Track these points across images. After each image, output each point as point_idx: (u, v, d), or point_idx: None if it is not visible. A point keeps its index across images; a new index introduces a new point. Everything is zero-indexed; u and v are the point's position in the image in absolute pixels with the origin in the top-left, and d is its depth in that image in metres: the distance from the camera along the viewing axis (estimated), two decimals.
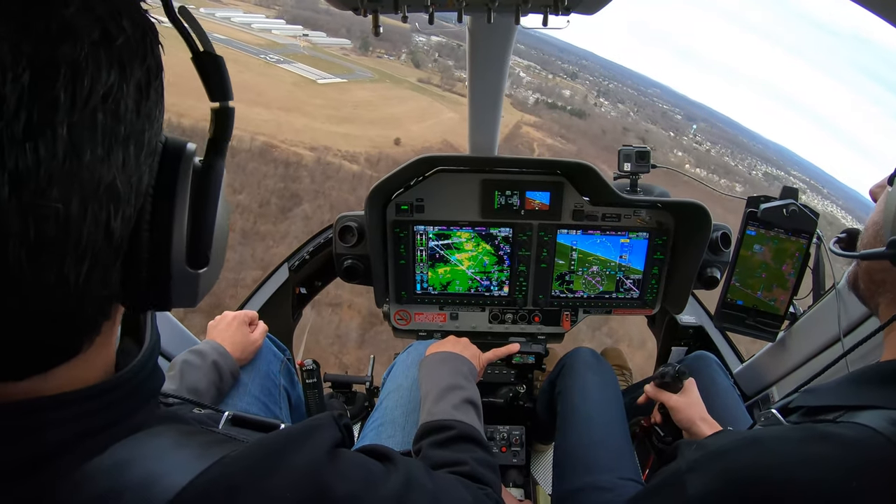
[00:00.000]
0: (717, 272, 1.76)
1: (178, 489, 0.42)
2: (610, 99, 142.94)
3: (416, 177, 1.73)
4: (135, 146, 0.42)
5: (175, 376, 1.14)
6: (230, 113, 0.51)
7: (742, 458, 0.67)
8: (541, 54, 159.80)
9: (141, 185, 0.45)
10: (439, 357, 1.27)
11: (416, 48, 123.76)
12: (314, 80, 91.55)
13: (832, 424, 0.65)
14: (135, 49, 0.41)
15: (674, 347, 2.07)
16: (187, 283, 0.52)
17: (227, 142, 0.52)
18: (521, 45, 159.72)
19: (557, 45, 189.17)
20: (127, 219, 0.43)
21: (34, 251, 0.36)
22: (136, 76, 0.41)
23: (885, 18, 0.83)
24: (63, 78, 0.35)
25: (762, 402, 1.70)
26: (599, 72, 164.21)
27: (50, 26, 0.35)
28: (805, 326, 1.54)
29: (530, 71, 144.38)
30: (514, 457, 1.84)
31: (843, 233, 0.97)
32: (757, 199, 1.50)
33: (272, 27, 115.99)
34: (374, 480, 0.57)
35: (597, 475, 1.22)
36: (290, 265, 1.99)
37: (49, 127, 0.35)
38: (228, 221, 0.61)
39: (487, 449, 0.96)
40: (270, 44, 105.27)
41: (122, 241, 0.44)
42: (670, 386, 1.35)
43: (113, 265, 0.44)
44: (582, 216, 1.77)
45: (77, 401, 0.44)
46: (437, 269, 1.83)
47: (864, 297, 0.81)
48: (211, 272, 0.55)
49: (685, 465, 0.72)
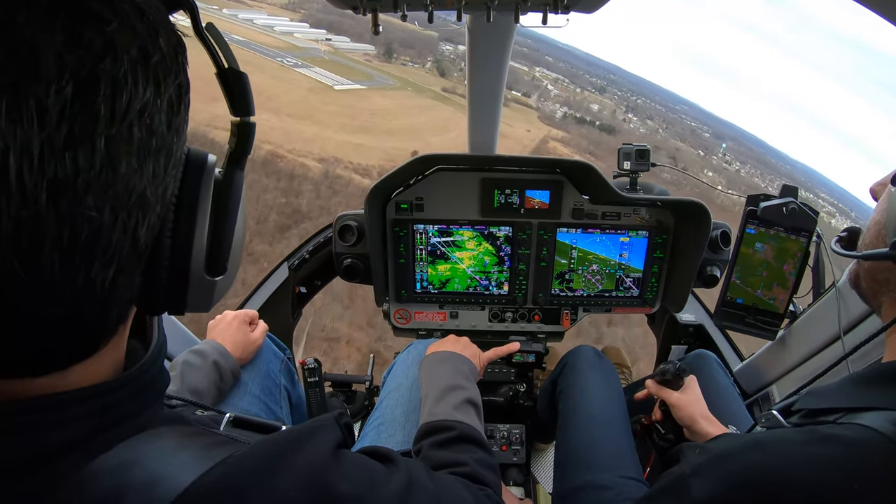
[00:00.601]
0: (717, 270, 1.76)
1: (181, 490, 0.42)
2: (639, 115, 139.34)
3: (415, 175, 1.73)
4: (164, 158, 0.44)
5: (176, 376, 1.14)
6: (251, 128, 0.53)
7: (746, 461, 0.67)
8: (569, 67, 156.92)
9: (166, 195, 0.46)
10: (439, 356, 1.27)
11: (442, 56, 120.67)
12: (331, 85, 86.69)
13: (834, 426, 0.65)
14: (169, 66, 0.43)
15: (674, 346, 2.07)
16: (204, 290, 0.54)
17: (247, 155, 0.54)
18: (549, 58, 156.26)
19: (585, 58, 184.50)
20: (152, 226, 0.45)
21: (66, 256, 0.37)
22: (168, 92, 0.43)
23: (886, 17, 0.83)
24: (104, 92, 0.37)
25: (762, 400, 1.70)
26: (627, 87, 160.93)
27: (94, 42, 0.37)
28: (805, 325, 1.54)
29: (558, 84, 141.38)
30: (515, 455, 1.84)
31: (844, 231, 0.97)
32: (757, 197, 1.50)
33: (295, 30, 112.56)
34: (376, 481, 0.57)
35: (598, 473, 1.22)
36: (290, 264, 1.99)
37: (89, 139, 0.36)
38: (245, 231, 0.63)
39: (488, 450, 0.96)
40: (290, 47, 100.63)
41: (147, 247, 0.46)
42: (671, 383, 1.35)
43: (136, 270, 0.46)
44: (582, 215, 1.77)
45: (88, 397, 0.45)
46: (438, 266, 1.83)
47: (866, 296, 0.81)
48: (226, 279, 0.57)
49: (689, 468, 0.72)
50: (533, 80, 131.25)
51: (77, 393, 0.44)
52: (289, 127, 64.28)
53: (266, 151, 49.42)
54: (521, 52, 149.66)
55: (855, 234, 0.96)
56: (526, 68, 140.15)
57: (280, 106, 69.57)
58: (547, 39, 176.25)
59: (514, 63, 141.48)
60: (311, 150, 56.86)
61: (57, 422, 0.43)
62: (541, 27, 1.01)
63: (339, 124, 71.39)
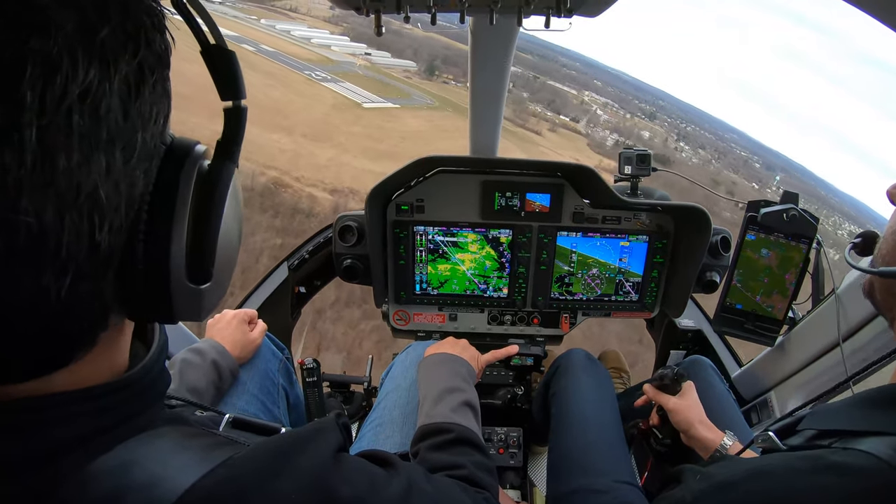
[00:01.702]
0: (717, 276, 1.76)
1: (181, 492, 0.42)
2: (690, 143, 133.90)
3: (416, 177, 1.73)
4: (123, 150, 0.38)
5: (174, 375, 1.13)
6: (242, 113, 0.47)
7: (748, 491, 0.66)
8: (618, 91, 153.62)
9: (134, 192, 0.41)
10: (438, 358, 1.27)
11: None
12: (359, 102, 78.79)
13: (840, 452, 0.63)
14: (122, 42, 0.37)
15: (672, 351, 2.07)
16: (189, 299, 0.48)
17: (237, 144, 0.48)
18: (598, 82, 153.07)
19: (634, 83, 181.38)
20: (116, 229, 0.40)
21: (4, 264, 0.33)
22: (122, 73, 0.37)
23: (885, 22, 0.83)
24: (31, 75, 0.32)
25: (760, 406, 1.70)
26: (677, 113, 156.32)
27: (19, 16, 0.32)
28: (804, 331, 1.54)
29: (608, 109, 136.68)
30: (512, 458, 1.84)
31: (858, 237, 0.93)
32: (757, 203, 1.51)
33: (333, 43, 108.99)
34: (376, 485, 0.57)
35: (592, 478, 1.22)
36: (290, 264, 1.99)
37: (15, 131, 0.31)
38: (240, 233, 0.57)
39: (485, 452, 0.96)
40: (324, 60, 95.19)
41: (113, 252, 0.41)
42: (669, 388, 1.35)
43: (103, 278, 0.41)
44: (582, 218, 1.77)
45: (77, 401, 0.44)
46: (438, 265, 1.83)
47: (881, 307, 0.76)
48: (216, 288, 0.52)
49: (690, 495, 0.71)
50: (582, 104, 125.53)
51: (75, 394, 0.44)
52: (302, 149, 55.76)
53: (268, 179, 42.79)
54: (569, 74, 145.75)
55: (870, 240, 0.93)
56: (574, 92, 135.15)
57: (295, 124, 61.69)
58: (596, 64, 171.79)
59: (563, 86, 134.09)
60: (323, 178, 48.57)
61: (59, 421, 0.43)
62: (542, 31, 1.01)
63: (361, 148, 62.27)
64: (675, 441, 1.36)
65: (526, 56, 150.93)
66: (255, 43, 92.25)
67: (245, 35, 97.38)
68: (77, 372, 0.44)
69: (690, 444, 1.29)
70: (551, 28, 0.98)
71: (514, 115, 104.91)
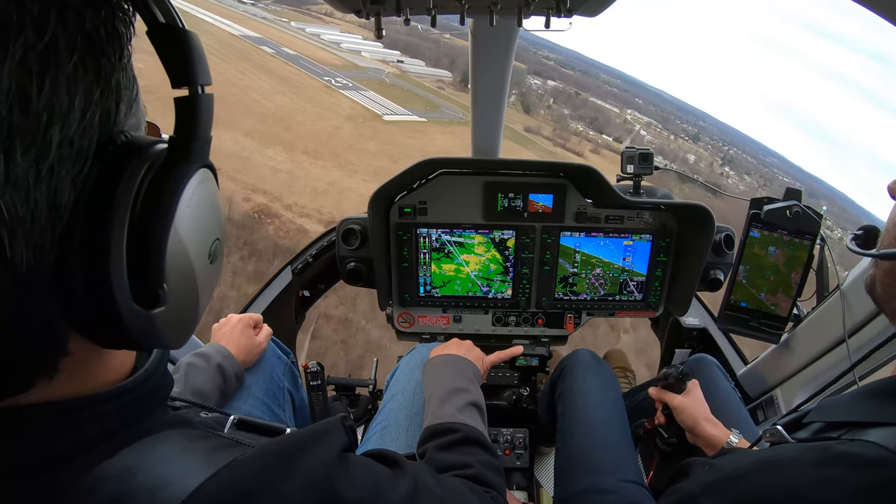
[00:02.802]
0: (721, 274, 1.76)
1: (186, 495, 0.42)
2: (735, 168, 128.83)
3: (419, 179, 1.73)
4: (31, 150, 0.32)
5: (180, 379, 1.14)
6: (199, 102, 0.40)
7: (756, 483, 0.66)
8: (659, 111, 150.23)
9: (58, 200, 0.35)
10: (443, 360, 1.27)
11: (529, 90, 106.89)
12: (379, 114, 69.32)
13: (847, 443, 0.63)
14: (16, 22, 0.31)
15: (677, 350, 2.06)
16: (142, 325, 0.42)
17: (195, 140, 0.41)
18: (639, 100, 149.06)
19: (674, 102, 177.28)
20: (37, 246, 0.35)
21: None
22: (17, 58, 0.31)
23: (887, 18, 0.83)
24: None
25: (766, 404, 1.69)
26: (718, 135, 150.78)
27: None
28: (809, 328, 1.54)
29: (651, 129, 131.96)
30: (518, 459, 1.83)
31: (860, 230, 0.93)
32: (760, 200, 1.50)
33: (364, 49, 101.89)
34: (382, 485, 0.57)
35: (598, 477, 1.22)
36: (294, 268, 1.99)
37: None
38: (213, 247, 0.49)
39: (492, 452, 0.96)
40: (349, 66, 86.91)
41: (39, 272, 0.35)
42: (674, 387, 1.35)
43: (31, 300, 0.36)
44: (585, 218, 1.77)
45: (80, 408, 0.44)
46: (443, 264, 1.83)
47: (880, 300, 0.76)
48: (176, 311, 0.44)
49: (698, 487, 0.71)
50: (624, 122, 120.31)
51: (79, 401, 0.44)
52: (300, 170, 45.91)
53: (252, 207, 35.01)
54: (611, 91, 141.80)
55: (871, 233, 0.93)
56: (617, 110, 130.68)
57: (298, 138, 50.90)
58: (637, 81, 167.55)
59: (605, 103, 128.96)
60: (320, 206, 39.62)
61: (63, 427, 0.43)
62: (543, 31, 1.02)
63: (372, 170, 50.30)
64: (680, 440, 1.36)
65: (567, 71, 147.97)
66: (277, 45, 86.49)
67: (267, 36, 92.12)
68: (71, 380, 0.44)
69: (696, 442, 1.29)
70: (552, 28, 0.99)
71: (555, 133, 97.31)
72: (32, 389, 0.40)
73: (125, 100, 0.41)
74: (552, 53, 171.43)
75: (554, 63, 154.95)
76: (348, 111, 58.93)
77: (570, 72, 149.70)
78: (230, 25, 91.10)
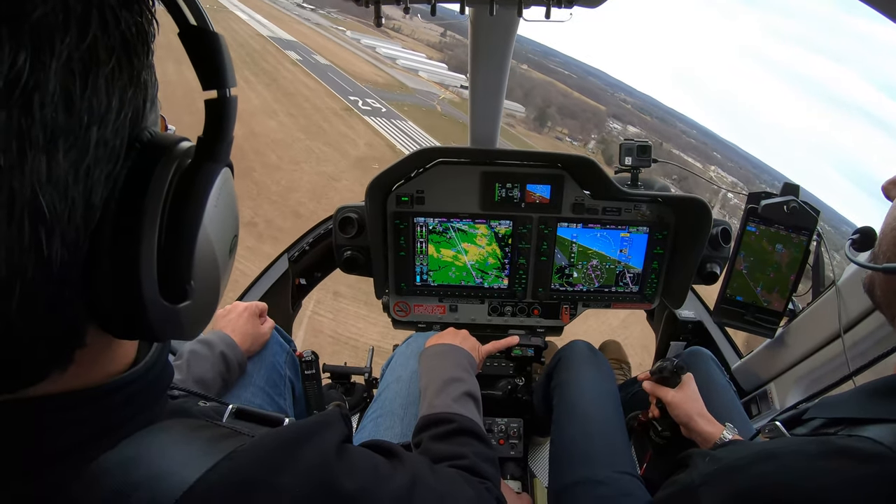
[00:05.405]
0: (717, 268, 1.76)
1: (187, 486, 0.42)
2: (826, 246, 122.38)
3: (416, 168, 1.72)
4: (72, 151, 0.33)
5: (182, 366, 1.13)
6: (228, 103, 0.40)
7: (756, 474, 0.67)
8: (738, 167, 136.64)
9: (93, 199, 0.36)
10: (439, 349, 1.27)
11: (609, 136, 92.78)
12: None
13: (846, 438, 0.64)
14: (62, 23, 0.31)
15: (672, 342, 2.07)
16: (167, 319, 0.43)
17: (223, 141, 0.41)
18: (717, 154, 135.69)
19: (751, 160, 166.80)
20: (71, 242, 0.35)
21: None
22: (63, 59, 0.31)
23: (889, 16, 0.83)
24: None
25: (759, 398, 1.71)
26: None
27: None
28: (804, 323, 1.55)
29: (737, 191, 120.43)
30: (512, 449, 1.85)
31: (856, 233, 0.93)
32: (758, 195, 1.50)
33: (423, 69, 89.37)
34: (381, 477, 0.58)
35: (593, 469, 1.23)
36: (290, 256, 1.99)
37: None
38: (231, 244, 0.52)
39: (487, 443, 0.97)
40: (395, 84, 72.19)
41: (71, 268, 0.36)
42: (668, 381, 1.35)
43: (61, 297, 0.37)
44: (582, 210, 1.77)
45: (82, 400, 0.44)
46: (441, 249, 1.82)
47: (880, 304, 0.76)
48: (199, 305, 0.46)
49: (698, 478, 0.72)
50: (710, 181, 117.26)
51: (80, 393, 0.44)
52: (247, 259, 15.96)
53: None
54: (689, 143, 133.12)
55: (868, 235, 0.93)
56: (699, 165, 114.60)
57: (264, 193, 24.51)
58: (713, 134, 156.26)
59: (685, 155, 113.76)
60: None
61: (65, 420, 0.43)
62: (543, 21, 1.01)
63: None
64: (674, 433, 1.37)
65: (645, 117, 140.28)
66: (308, 52, 71.87)
67: (304, 41, 79.00)
68: (81, 372, 0.44)
69: (690, 436, 1.29)
70: (552, 19, 0.97)
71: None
72: (43, 381, 0.40)
73: (150, 97, 0.41)
74: (629, 97, 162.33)
75: (632, 107, 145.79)
76: (362, 149, 39.06)
77: (647, 117, 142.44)
78: (264, 25, 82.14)
